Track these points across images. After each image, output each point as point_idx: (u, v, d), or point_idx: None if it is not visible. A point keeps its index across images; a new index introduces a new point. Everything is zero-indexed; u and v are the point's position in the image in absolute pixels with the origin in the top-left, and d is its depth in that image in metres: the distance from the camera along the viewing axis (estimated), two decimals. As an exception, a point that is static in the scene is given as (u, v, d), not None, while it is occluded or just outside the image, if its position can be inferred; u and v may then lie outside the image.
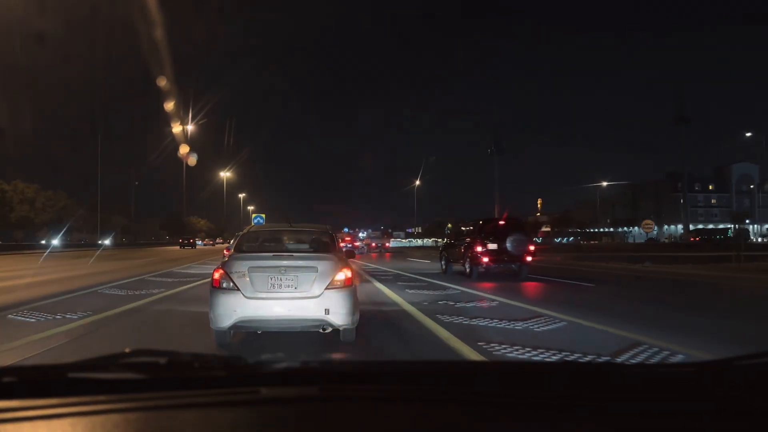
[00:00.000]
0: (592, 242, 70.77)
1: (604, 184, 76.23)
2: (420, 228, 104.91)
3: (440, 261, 18.73)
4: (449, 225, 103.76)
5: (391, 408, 1.15)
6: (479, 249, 15.14)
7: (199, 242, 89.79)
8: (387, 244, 54.71)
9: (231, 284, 5.33)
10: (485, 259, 15.11)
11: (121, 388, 1.17)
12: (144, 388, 1.17)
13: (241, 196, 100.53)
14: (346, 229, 70.65)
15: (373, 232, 67.65)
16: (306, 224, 7.09)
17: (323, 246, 6.12)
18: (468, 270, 15.55)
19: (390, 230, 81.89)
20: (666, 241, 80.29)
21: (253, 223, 23.22)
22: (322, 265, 5.47)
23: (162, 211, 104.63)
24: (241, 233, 7.18)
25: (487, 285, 13.13)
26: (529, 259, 15.33)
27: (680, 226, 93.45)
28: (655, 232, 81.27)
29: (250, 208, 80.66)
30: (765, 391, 1.14)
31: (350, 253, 7.56)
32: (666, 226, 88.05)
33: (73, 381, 1.18)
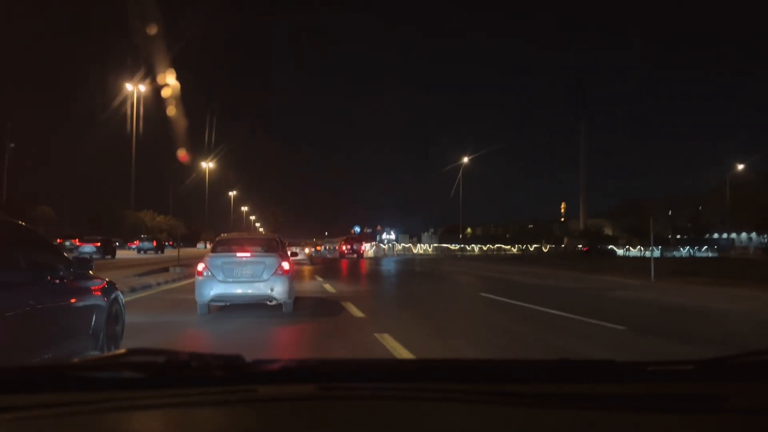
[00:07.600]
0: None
1: (741, 167, 56.79)
2: (434, 229, 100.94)
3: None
4: (468, 230, 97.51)
5: (389, 406, 1.14)
6: (343, 247, 48.89)
7: (201, 244, 65.58)
8: (362, 248, 49.99)
9: (209, 273, 8.46)
10: (345, 251, 47.69)
11: (118, 387, 1.19)
12: (142, 387, 1.18)
13: (232, 193, 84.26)
14: (357, 228, 71.57)
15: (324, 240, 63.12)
16: (259, 233, 13.58)
17: (271, 247, 9.31)
18: (339, 255, 48.54)
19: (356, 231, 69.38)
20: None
21: None
22: (268, 261, 8.67)
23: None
24: (217, 239, 10.57)
25: (344, 261, 37.76)
26: (362, 251, 48.67)
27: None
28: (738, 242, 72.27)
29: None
30: (761, 389, 1.14)
31: (294, 254, 15.03)
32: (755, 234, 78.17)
33: (71, 380, 1.20)
